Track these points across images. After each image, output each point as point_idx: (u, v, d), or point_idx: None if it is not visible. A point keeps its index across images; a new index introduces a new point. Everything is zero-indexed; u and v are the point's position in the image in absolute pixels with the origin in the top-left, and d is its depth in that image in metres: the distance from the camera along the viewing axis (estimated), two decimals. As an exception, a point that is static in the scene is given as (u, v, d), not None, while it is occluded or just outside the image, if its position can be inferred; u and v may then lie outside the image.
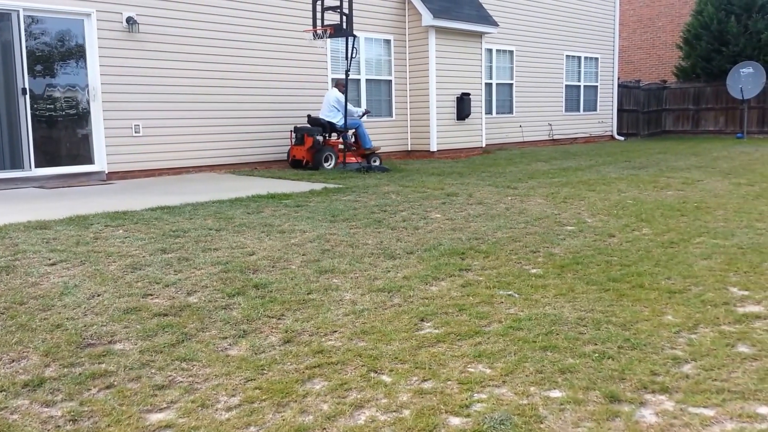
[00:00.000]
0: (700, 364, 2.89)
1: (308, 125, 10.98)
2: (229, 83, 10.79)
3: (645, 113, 21.67)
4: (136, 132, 9.77)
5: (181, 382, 2.82)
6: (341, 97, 10.89)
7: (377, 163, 11.37)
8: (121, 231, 5.53)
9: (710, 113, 21.11)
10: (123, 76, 9.58)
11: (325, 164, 10.75)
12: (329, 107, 11.05)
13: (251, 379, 2.82)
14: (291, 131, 11.18)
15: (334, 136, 11.20)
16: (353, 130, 11.29)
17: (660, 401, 2.56)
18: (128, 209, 6.53)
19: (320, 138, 10.75)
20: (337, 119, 10.98)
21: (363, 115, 11.69)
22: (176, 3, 10.08)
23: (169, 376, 2.87)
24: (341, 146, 11.12)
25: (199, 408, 2.58)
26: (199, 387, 2.77)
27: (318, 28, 10.22)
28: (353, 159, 11.14)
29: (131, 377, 2.85)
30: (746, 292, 3.92)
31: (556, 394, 2.63)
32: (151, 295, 3.91)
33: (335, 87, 11.22)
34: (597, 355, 2.99)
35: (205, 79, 10.51)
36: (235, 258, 4.69)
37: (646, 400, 2.58)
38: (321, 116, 11.10)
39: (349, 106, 11.16)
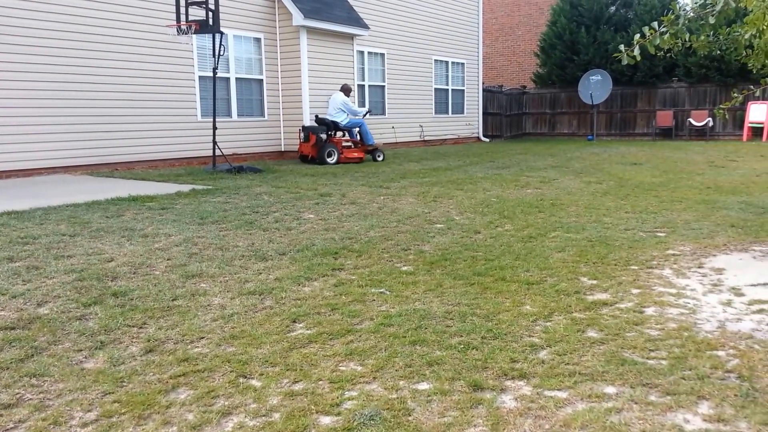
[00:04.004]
0: (554, 350, 3.09)
1: (315, 124, 12.22)
2: (84, 78, 10.09)
3: (507, 116, 22.95)
4: (-24, 130, 8.88)
5: (31, 399, 2.59)
6: (347, 99, 12.49)
7: (381, 158, 12.70)
8: (-42, 239, 4.99)
9: (565, 117, 22.76)
10: (-40, 67, 8.67)
11: (328, 159, 11.86)
12: (335, 108, 12.45)
13: (109, 393, 2.65)
14: (299, 130, 12.38)
15: (339, 134, 12.59)
16: (357, 128, 12.71)
17: (519, 387, 2.72)
18: (-33, 215, 5.92)
19: (323, 136, 11.94)
20: (341, 118, 12.41)
21: (365, 114, 13.07)
22: (23, -10, 9.28)
23: (17, 393, 2.63)
24: (345, 143, 12.40)
25: (51, 426, 2.39)
26: (51, 403, 2.56)
27: (182, 23, 9.82)
28: (355, 154, 12.39)
29: (-30, 399, 2.58)
30: (595, 281, 4.26)
31: (423, 386, 2.71)
32: (-6, 308, 3.56)
33: (341, 91, 12.59)
34: (462, 346, 3.12)
35: (58, 74, 9.75)
36: (91, 265, 4.39)
37: (507, 386, 2.72)
38: (327, 116, 12.45)
39: (354, 107, 12.77)
